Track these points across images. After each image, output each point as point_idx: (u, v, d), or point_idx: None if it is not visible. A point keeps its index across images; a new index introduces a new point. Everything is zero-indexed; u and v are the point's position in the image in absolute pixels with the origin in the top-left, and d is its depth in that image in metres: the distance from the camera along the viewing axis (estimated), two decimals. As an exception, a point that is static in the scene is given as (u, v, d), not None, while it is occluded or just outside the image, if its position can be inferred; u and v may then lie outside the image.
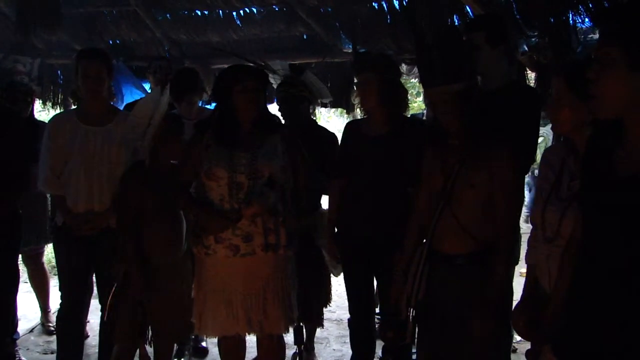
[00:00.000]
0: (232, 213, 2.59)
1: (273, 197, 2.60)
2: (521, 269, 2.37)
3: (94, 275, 3.22)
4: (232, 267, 2.65)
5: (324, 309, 3.56)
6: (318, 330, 3.70)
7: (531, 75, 4.56)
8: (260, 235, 2.63)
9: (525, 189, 2.45)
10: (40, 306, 4.30)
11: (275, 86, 3.67)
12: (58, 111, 5.85)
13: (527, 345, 2.33)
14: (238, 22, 5.48)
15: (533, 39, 4.16)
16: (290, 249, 2.74)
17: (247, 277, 2.64)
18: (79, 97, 3.70)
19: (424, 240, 2.40)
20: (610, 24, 1.46)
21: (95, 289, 3.28)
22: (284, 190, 2.69)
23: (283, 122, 3.27)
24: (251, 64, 3.26)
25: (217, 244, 2.64)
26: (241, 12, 5.46)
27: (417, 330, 2.46)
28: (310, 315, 3.42)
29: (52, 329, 3.97)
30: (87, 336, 3.91)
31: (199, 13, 5.55)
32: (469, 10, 4.27)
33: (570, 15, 3.91)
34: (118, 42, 5.99)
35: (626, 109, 1.45)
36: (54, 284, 3.92)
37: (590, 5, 3.82)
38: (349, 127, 3.15)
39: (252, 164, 2.61)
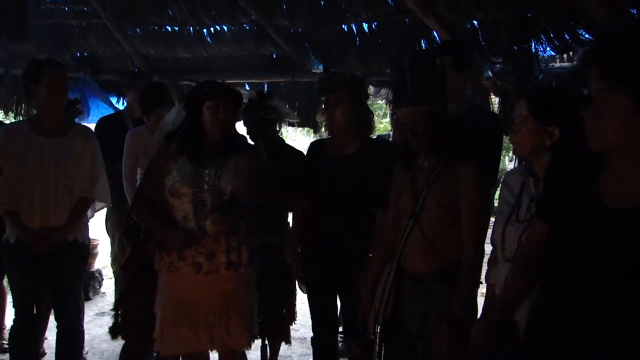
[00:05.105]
0: (196, 231, 2.58)
1: (235, 215, 2.59)
2: (482, 289, 2.41)
3: (51, 291, 3.14)
4: (195, 285, 2.62)
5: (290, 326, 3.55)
6: (282, 348, 3.68)
7: (495, 100, 4.69)
8: (223, 254, 2.62)
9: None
10: (-5, 323, 4.16)
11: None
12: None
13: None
14: (208, 39, 5.50)
15: (497, 66, 4.29)
16: (252, 266, 2.73)
17: (210, 294, 2.62)
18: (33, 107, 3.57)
19: (393, 258, 2.42)
20: (608, 64, 1.39)
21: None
22: (246, 209, 2.67)
23: (252, 143, 3.26)
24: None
25: (179, 261, 2.62)
26: (211, 29, 5.49)
27: (383, 347, 2.47)
28: (277, 331, 3.40)
29: (6, 346, 3.84)
30: (45, 354, 3.81)
31: (169, 29, 5.56)
32: (435, 35, 4.38)
33: (533, 43, 4.07)
34: (85, 54, 5.94)
35: (624, 144, 1.42)
36: (11, 300, 3.81)
37: (552, 35, 3.98)
38: (313, 147, 3.16)
39: (215, 182, 2.60)
